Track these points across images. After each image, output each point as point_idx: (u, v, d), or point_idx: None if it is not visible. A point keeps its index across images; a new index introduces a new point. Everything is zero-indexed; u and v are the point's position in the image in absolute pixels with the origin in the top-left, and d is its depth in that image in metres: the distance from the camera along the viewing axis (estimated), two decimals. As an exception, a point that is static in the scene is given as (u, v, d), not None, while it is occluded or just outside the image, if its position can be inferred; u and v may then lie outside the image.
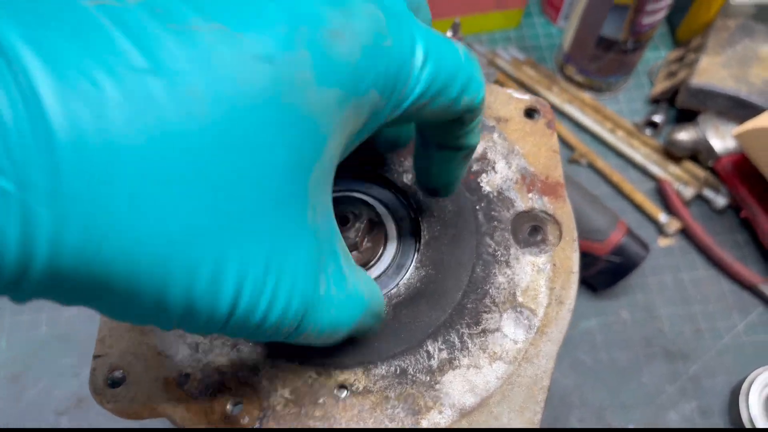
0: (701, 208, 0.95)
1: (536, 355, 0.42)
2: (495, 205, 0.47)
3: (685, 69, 0.99)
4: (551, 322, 0.43)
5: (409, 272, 0.45)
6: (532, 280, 0.44)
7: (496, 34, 1.12)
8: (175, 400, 0.40)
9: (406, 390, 0.41)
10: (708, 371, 0.84)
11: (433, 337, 0.42)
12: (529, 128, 0.50)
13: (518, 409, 0.40)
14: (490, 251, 0.45)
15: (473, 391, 0.41)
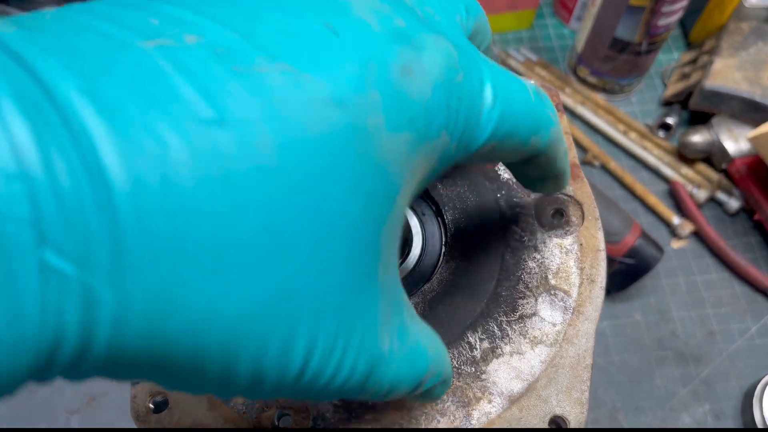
0: (714, 211, 0.95)
1: (575, 335, 0.42)
2: (516, 192, 0.47)
3: (699, 71, 0.99)
4: (585, 301, 0.43)
5: (440, 267, 0.45)
6: (562, 262, 0.44)
7: (509, 35, 1.12)
8: (221, 419, 0.39)
9: (453, 383, 0.40)
10: (721, 374, 0.84)
11: (472, 328, 0.42)
12: None
13: (565, 390, 0.40)
14: (517, 237, 0.45)
15: (519, 377, 0.41)
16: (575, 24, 1.11)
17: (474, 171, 0.48)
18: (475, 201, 0.47)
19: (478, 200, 0.47)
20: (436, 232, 0.48)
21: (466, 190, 0.47)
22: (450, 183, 0.48)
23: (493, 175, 0.48)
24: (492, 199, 0.47)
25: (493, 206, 0.47)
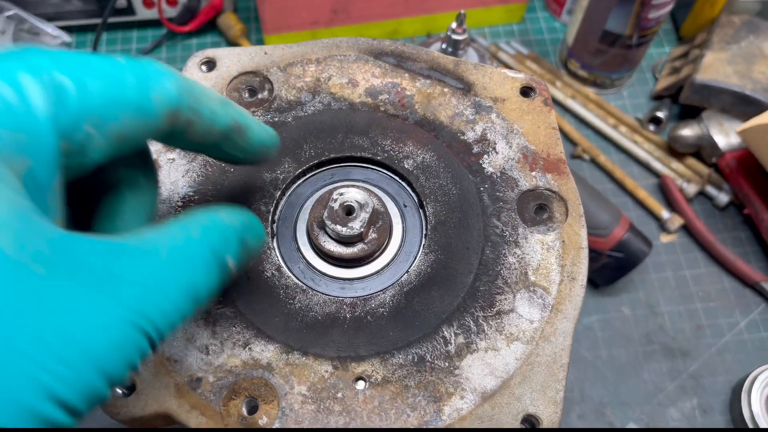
0: (704, 205, 0.95)
1: (553, 333, 0.42)
2: (499, 186, 0.47)
3: (689, 65, 0.98)
4: (565, 299, 0.43)
5: (418, 259, 0.45)
6: (543, 259, 0.44)
7: (500, 28, 1.11)
8: (188, 406, 0.39)
9: (426, 377, 0.40)
10: (709, 369, 0.84)
11: (448, 322, 0.42)
12: (527, 107, 0.50)
13: (540, 388, 0.40)
14: (498, 232, 0.45)
15: (493, 374, 0.40)
16: (566, 17, 1.10)
17: (457, 164, 0.47)
18: (457, 194, 0.46)
19: (461, 193, 0.46)
20: (416, 223, 0.47)
21: (448, 182, 0.47)
22: (433, 175, 0.47)
23: (476, 168, 0.47)
24: (474, 192, 0.46)
25: (476, 199, 0.46)
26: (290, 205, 0.47)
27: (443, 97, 0.50)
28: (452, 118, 0.50)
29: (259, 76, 0.51)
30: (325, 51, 0.52)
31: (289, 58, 0.52)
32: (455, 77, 0.51)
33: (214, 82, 0.51)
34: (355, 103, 0.50)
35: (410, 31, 1.09)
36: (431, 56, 0.52)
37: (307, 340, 0.41)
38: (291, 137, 0.48)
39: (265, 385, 0.39)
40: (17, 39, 1.03)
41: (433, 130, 0.49)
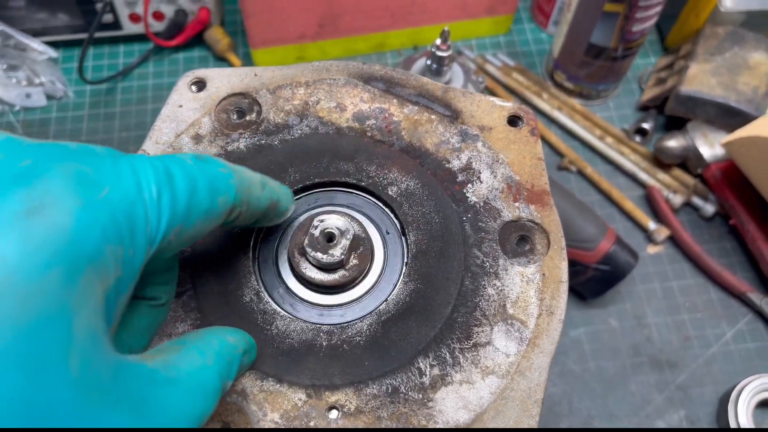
0: (690, 216, 0.95)
1: (529, 367, 0.41)
2: (482, 216, 0.47)
3: (675, 76, 0.99)
4: (542, 333, 0.43)
5: (398, 288, 0.45)
6: (522, 291, 0.44)
7: (486, 40, 1.12)
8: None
9: (399, 409, 0.40)
10: (696, 380, 0.84)
11: (423, 353, 0.42)
12: (513, 136, 0.50)
13: (512, 424, 0.40)
14: (479, 263, 0.45)
15: (467, 408, 0.40)
16: (552, 28, 1.11)
17: (441, 192, 0.47)
18: (439, 222, 0.46)
19: (443, 222, 0.46)
20: (398, 251, 0.47)
21: (431, 210, 0.47)
22: (416, 202, 0.47)
23: (460, 197, 0.47)
24: (457, 221, 0.46)
25: (458, 229, 0.46)
26: (272, 228, 0.47)
27: (430, 124, 0.50)
28: (438, 145, 0.50)
29: (249, 97, 0.51)
30: (315, 74, 0.53)
31: (279, 81, 0.52)
32: (443, 104, 0.51)
33: (203, 102, 0.51)
34: (342, 127, 0.50)
35: (397, 44, 1.09)
36: (420, 82, 0.53)
37: (283, 367, 0.41)
38: (276, 161, 0.49)
39: (238, 411, 0.39)
40: (3, 55, 1.03)
41: (418, 157, 0.49)
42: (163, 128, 0.49)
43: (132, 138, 1.01)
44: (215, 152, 0.49)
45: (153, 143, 0.49)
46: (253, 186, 0.37)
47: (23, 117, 1.02)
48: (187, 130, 0.49)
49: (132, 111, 1.04)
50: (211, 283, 0.44)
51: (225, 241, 0.45)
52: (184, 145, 0.48)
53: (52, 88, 1.03)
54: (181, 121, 0.50)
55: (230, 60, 1.07)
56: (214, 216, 0.34)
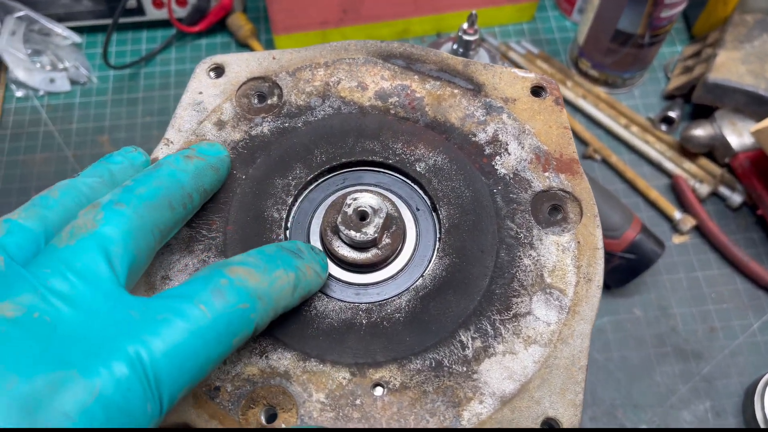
0: (716, 206, 0.94)
1: (570, 335, 0.41)
2: (512, 187, 0.46)
3: (702, 64, 0.97)
4: (582, 300, 0.42)
5: (433, 263, 0.44)
6: (558, 260, 0.43)
7: (510, 27, 1.11)
8: (207, 416, 0.39)
9: (444, 382, 0.40)
10: (722, 371, 0.83)
11: (464, 326, 0.41)
12: (538, 106, 0.49)
13: (559, 391, 0.39)
14: (513, 234, 0.44)
15: (512, 378, 0.40)
16: (577, 16, 1.10)
17: (469, 166, 0.47)
18: (470, 196, 0.46)
19: (474, 195, 0.46)
20: (430, 227, 0.47)
21: (461, 184, 0.46)
22: (445, 177, 0.47)
23: (489, 169, 0.47)
24: (487, 194, 0.46)
25: (489, 202, 0.46)
26: (303, 210, 0.47)
27: (453, 98, 0.50)
28: (463, 119, 0.49)
29: (268, 81, 0.51)
30: (334, 54, 0.52)
31: (298, 63, 0.52)
32: (465, 78, 0.51)
33: (223, 88, 0.50)
34: (365, 106, 0.50)
35: (420, 31, 1.09)
36: (440, 57, 0.52)
37: (324, 347, 0.41)
38: (301, 142, 0.48)
39: (283, 393, 0.39)
40: (27, 39, 1.03)
41: (444, 132, 0.49)
42: (185, 116, 0.49)
43: (155, 123, 1.01)
44: (239, 137, 0.48)
45: (176, 131, 0.49)
46: (283, 298, 0.36)
47: (47, 102, 1.03)
48: (209, 117, 0.49)
49: (155, 96, 1.04)
50: None
51: (258, 226, 0.45)
52: (207, 132, 0.48)
53: (76, 73, 1.04)
54: (202, 108, 0.50)
55: (252, 46, 1.06)
56: (229, 354, 0.33)
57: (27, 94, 1.03)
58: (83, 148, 0.99)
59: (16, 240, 0.31)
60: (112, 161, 0.40)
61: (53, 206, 0.34)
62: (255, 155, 0.47)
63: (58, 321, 0.29)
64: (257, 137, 0.48)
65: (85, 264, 0.31)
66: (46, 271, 0.30)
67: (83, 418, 0.26)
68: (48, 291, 0.29)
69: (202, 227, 0.45)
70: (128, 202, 0.34)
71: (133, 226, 0.33)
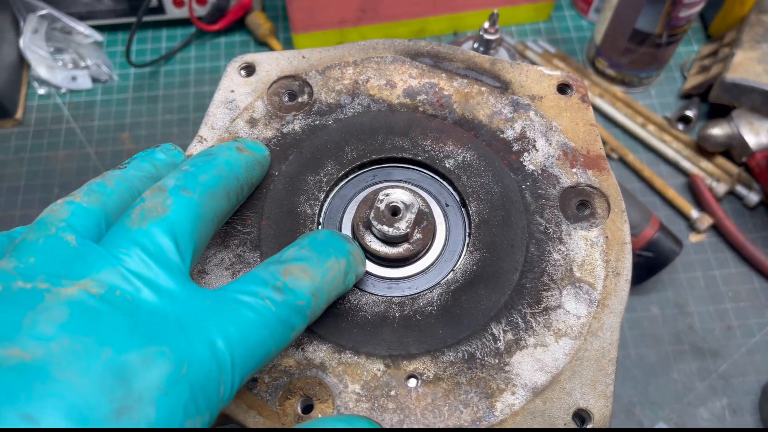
0: (733, 205, 0.94)
1: (600, 328, 0.42)
2: (540, 183, 0.47)
3: (719, 64, 0.98)
4: (611, 294, 0.43)
5: (463, 257, 0.45)
6: (587, 254, 0.44)
7: (527, 26, 1.11)
8: (245, 406, 0.40)
9: (477, 374, 0.41)
10: (739, 369, 0.84)
11: (496, 319, 0.42)
12: (564, 104, 0.50)
13: (590, 383, 0.40)
14: (542, 229, 0.45)
15: (543, 369, 0.41)
16: (594, 16, 1.10)
17: (498, 162, 0.48)
18: (499, 192, 0.47)
19: (503, 191, 0.47)
20: (459, 222, 0.47)
21: (490, 180, 0.47)
22: (474, 173, 0.48)
23: (517, 166, 0.48)
24: (516, 190, 0.47)
25: (518, 197, 0.46)
26: (334, 206, 0.48)
27: (481, 96, 0.51)
28: (491, 116, 0.50)
29: (299, 79, 0.52)
30: (362, 53, 0.53)
31: (327, 61, 0.53)
32: (492, 76, 0.52)
33: (255, 86, 0.51)
34: (394, 104, 0.51)
35: (437, 30, 1.09)
36: (467, 56, 0.53)
37: (358, 339, 0.42)
38: (332, 140, 0.49)
39: (319, 384, 0.40)
40: (50, 38, 1.04)
41: (472, 129, 0.49)
42: (218, 113, 0.50)
43: (175, 121, 1.02)
44: (271, 135, 0.49)
45: (209, 129, 0.49)
46: (334, 288, 0.38)
47: (69, 99, 1.04)
48: (241, 115, 0.50)
49: (174, 94, 1.05)
50: None
51: (291, 221, 0.46)
52: (239, 130, 0.49)
53: (98, 71, 1.05)
54: (234, 106, 0.50)
55: (271, 45, 1.07)
56: (285, 347, 0.35)
57: (49, 91, 1.04)
58: (105, 146, 1.00)
59: (83, 222, 0.32)
60: (156, 157, 0.40)
61: (111, 194, 0.35)
62: (287, 152, 0.48)
63: (140, 301, 0.29)
64: (289, 134, 0.49)
65: (158, 248, 0.31)
66: (121, 251, 0.31)
67: (173, 393, 0.27)
68: (126, 270, 0.30)
69: (236, 222, 0.46)
70: (194, 188, 0.35)
71: (198, 214, 0.34)
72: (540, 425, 0.39)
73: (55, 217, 0.32)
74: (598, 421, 0.39)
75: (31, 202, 0.95)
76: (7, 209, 0.95)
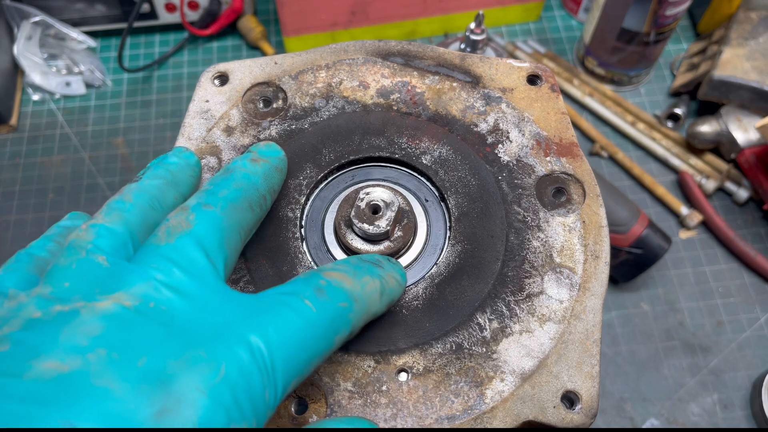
0: (723, 201, 0.95)
1: (583, 311, 0.43)
2: (516, 173, 0.48)
3: (707, 61, 0.98)
4: (591, 277, 0.44)
5: (446, 250, 0.46)
6: (566, 240, 0.45)
7: (517, 27, 1.12)
8: None
9: (466, 364, 0.41)
10: (729, 364, 0.84)
11: (481, 309, 0.43)
12: (534, 94, 0.51)
13: (576, 365, 0.41)
14: (520, 218, 0.46)
15: (530, 355, 0.41)
16: (583, 15, 1.11)
17: (473, 155, 0.49)
18: (476, 184, 0.48)
19: (480, 183, 0.48)
20: (440, 216, 0.48)
21: (467, 173, 0.48)
22: (451, 168, 0.48)
23: (493, 158, 0.49)
24: (493, 181, 0.48)
25: (495, 188, 0.47)
26: (315, 208, 0.49)
27: (453, 91, 0.52)
28: (464, 111, 0.51)
29: (272, 86, 0.52)
30: (334, 56, 0.54)
31: (300, 66, 0.53)
32: (463, 71, 0.52)
33: (229, 95, 0.52)
34: (368, 104, 0.51)
35: (428, 32, 1.10)
36: (437, 53, 0.54)
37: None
38: (309, 143, 0.50)
39: (311, 385, 0.41)
40: (44, 44, 1.05)
41: (446, 125, 0.50)
42: (194, 124, 0.51)
43: (168, 125, 1.03)
44: (248, 142, 0.50)
45: (185, 139, 0.50)
46: (372, 303, 0.37)
47: (63, 105, 1.05)
48: (217, 124, 0.50)
49: (168, 99, 1.06)
50: (264, 267, 0.45)
51: (274, 225, 0.46)
52: (216, 139, 0.50)
53: (91, 76, 1.06)
54: (210, 115, 0.51)
55: (263, 48, 1.08)
56: (331, 352, 0.34)
57: (43, 97, 1.05)
58: (99, 150, 1.01)
59: (110, 242, 0.32)
60: (169, 162, 0.41)
61: (131, 209, 0.35)
62: None
63: (174, 311, 0.30)
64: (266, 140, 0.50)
65: (188, 259, 0.32)
66: (152, 266, 0.31)
67: (213, 395, 0.27)
68: (158, 283, 0.30)
69: None
70: (215, 203, 0.36)
71: (223, 225, 0.35)
72: (530, 410, 0.40)
73: (83, 241, 0.32)
74: (586, 402, 0.40)
75: (26, 207, 0.96)
76: (2, 214, 0.96)
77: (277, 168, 0.44)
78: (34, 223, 0.95)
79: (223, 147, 0.49)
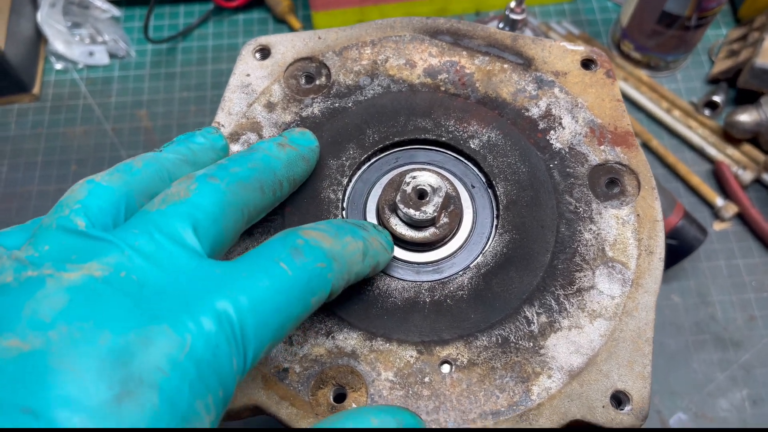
0: (760, 193, 0.92)
1: (635, 308, 0.41)
2: (568, 162, 0.46)
3: (748, 48, 0.95)
4: (644, 272, 0.42)
5: (493, 240, 0.44)
6: (619, 233, 0.43)
7: (550, 7, 1.09)
8: (277, 397, 0.39)
9: (512, 358, 0.40)
10: (761, 360, 0.83)
11: (528, 302, 0.41)
12: (589, 80, 0.49)
13: (626, 363, 0.39)
14: (572, 209, 0.44)
15: (579, 352, 0.40)
16: (620, -3, 1.08)
17: (524, 141, 0.47)
18: (526, 171, 0.46)
19: (530, 171, 0.46)
20: (486, 204, 0.46)
21: (517, 160, 0.46)
22: (500, 153, 0.46)
23: (544, 144, 0.47)
24: (544, 169, 0.46)
25: (546, 176, 0.45)
26: (357, 190, 0.47)
27: (504, 73, 0.49)
28: (515, 94, 0.49)
29: (315, 61, 0.50)
30: (380, 32, 0.52)
31: (344, 42, 0.51)
32: (514, 53, 0.50)
33: (271, 69, 0.50)
34: (415, 84, 0.49)
35: (459, 9, 1.07)
36: (488, 32, 0.51)
37: (389, 326, 0.41)
38: (353, 123, 0.48)
39: (351, 373, 0.39)
40: (67, 12, 1.03)
41: (496, 108, 0.48)
42: (234, 98, 0.49)
43: (192, 98, 1.01)
44: (290, 119, 0.48)
45: (226, 114, 0.48)
46: (354, 263, 0.36)
47: (86, 75, 1.03)
48: (258, 99, 0.49)
49: (192, 71, 1.04)
50: None
51: (315, 207, 0.45)
52: (257, 114, 0.48)
53: (115, 46, 1.04)
54: (251, 90, 0.49)
55: (290, 22, 1.06)
56: (307, 314, 0.33)
57: (66, 66, 1.03)
58: (122, 122, 0.99)
59: (98, 202, 0.32)
60: (194, 141, 0.40)
61: (136, 173, 0.34)
62: None
63: (145, 279, 0.29)
64: (308, 118, 0.48)
65: (173, 227, 0.31)
66: (134, 232, 0.30)
67: (176, 373, 0.26)
68: (134, 251, 0.30)
69: None
70: (222, 177, 0.35)
71: (224, 201, 0.34)
72: (578, 408, 0.39)
73: (72, 198, 0.32)
74: (637, 403, 0.39)
75: (48, 178, 0.95)
76: (25, 185, 0.95)
77: (304, 157, 0.42)
78: (56, 195, 0.93)
79: (264, 123, 0.48)
